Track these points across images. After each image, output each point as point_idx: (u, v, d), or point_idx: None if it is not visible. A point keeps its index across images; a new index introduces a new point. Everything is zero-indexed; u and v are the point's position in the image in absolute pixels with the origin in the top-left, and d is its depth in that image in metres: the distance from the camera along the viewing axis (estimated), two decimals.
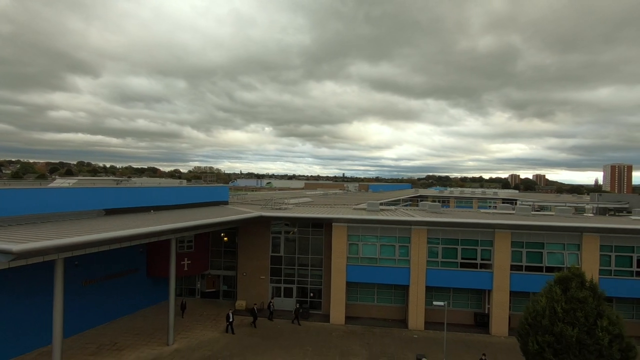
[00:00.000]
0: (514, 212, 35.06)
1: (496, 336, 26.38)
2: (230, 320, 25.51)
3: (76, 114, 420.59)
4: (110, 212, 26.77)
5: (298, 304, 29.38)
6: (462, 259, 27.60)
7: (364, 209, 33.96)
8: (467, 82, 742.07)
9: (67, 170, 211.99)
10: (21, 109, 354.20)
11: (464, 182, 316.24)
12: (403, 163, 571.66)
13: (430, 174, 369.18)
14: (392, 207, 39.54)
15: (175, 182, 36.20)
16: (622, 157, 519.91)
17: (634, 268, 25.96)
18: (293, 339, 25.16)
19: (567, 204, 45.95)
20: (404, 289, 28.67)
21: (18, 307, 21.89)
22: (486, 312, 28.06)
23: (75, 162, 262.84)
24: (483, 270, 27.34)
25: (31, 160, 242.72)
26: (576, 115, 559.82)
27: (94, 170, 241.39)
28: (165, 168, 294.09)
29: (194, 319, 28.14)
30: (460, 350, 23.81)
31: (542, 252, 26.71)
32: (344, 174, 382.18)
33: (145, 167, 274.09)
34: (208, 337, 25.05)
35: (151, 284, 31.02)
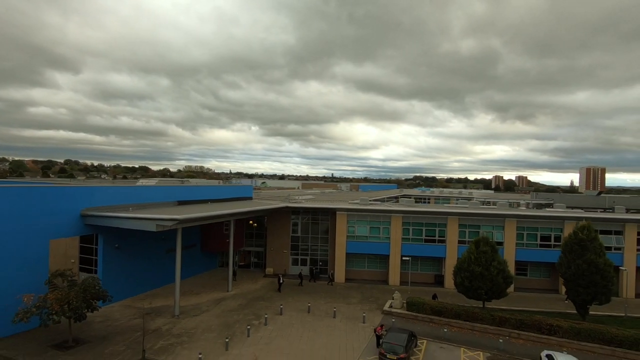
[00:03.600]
0: (467, 205, 47.56)
1: (447, 288, 38.61)
2: (281, 282, 36.45)
3: (57, 111, 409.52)
4: (181, 203, 38.09)
5: (332, 271, 40.73)
6: (426, 236, 39.89)
7: (357, 203, 45.96)
8: (450, 83, 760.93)
9: (61, 169, 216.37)
10: None
11: (449, 182, 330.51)
12: (390, 164, 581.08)
13: (418, 174, 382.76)
14: (379, 203, 51.70)
15: (215, 182, 47.67)
16: (600, 160, 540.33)
17: (538, 242, 38.62)
18: (312, 290, 36.99)
19: (509, 200, 59.03)
20: (386, 258, 40.71)
21: (127, 265, 32.88)
22: (442, 273, 40.37)
23: (62, 160, 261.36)
24: (440, 244, 39.65)
25: (16, 158, 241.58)
26: (556, 118, 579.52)
27: (85, 169, 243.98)
28: (152, 167, 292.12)
29: (239, 279, 39.64)
30: (422, 295, 35.95)
31: (479, 231, 39.09)
32: (332, 174, 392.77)
33: (137, 166, 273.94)
34: (253, 288, 36.75)
35: (204, 256, 42.34)
